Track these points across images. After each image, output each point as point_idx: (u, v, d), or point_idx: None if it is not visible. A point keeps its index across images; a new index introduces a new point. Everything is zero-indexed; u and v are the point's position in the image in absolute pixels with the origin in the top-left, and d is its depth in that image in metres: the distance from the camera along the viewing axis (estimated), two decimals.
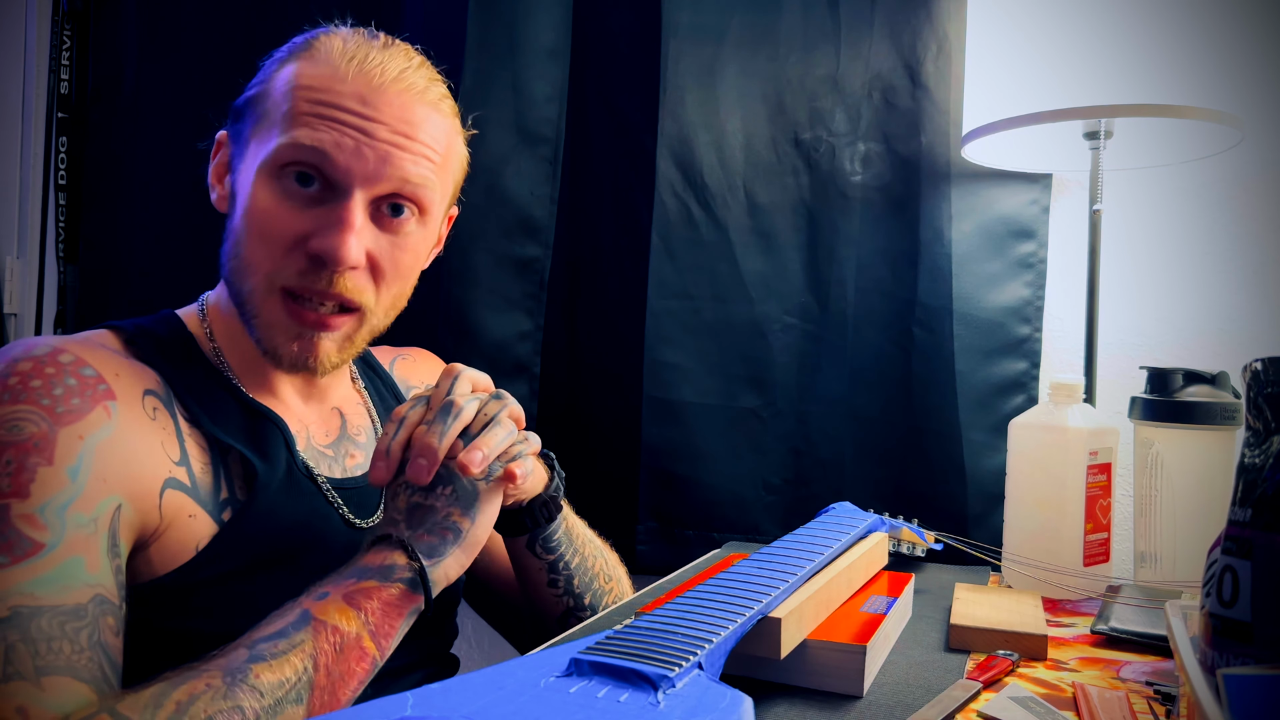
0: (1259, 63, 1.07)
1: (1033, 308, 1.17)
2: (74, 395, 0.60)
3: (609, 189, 1.29)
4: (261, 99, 0.71)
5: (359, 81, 0.68)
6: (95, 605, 0.56)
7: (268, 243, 0.68)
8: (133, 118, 1.50)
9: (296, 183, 0.68)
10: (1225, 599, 0.46)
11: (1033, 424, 0.95)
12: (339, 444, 0.79)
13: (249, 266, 0.69)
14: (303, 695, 0.55)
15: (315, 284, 0.68)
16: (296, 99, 0.68)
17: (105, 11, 1.56)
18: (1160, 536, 0.90)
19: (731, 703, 0.47)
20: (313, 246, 0.67)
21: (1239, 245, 1.14)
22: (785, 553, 0.71)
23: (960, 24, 1.16)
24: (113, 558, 0.59)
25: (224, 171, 0.74)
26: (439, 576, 0.63)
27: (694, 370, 1.23)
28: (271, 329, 0.70)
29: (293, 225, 0.68)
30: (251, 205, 0.68)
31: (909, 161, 1.19)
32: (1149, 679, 0.67)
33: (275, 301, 0.69)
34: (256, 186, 0.68)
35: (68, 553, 0.56)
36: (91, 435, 0.60)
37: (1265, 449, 0.47)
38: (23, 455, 0.57)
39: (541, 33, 1.25)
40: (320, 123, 0.67)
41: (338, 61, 0.69)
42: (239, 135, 0.72)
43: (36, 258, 1.64)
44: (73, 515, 0.57)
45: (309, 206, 0.68)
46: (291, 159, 0.67)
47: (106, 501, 0.59)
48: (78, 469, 0.58)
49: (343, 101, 0.68)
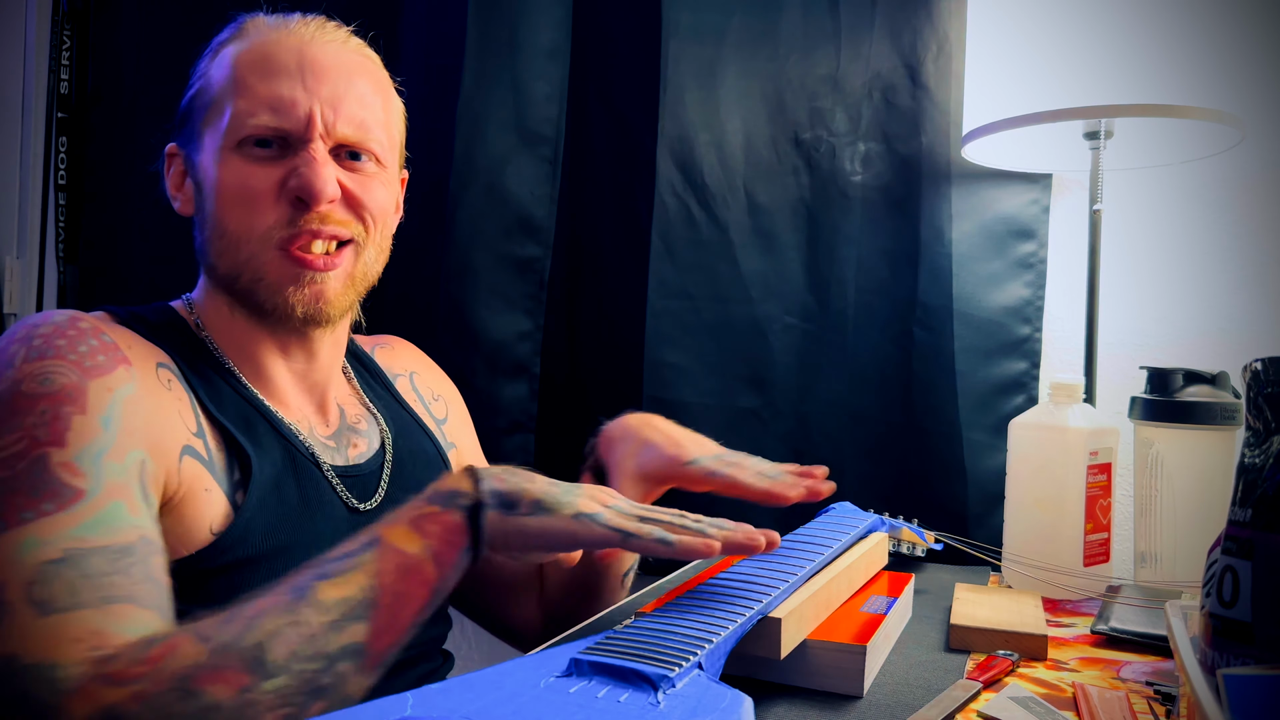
0: (1259, 63, 1.07)
1: (1033, 308, 1.17)
2: (99, 353, 0.63)
3: (609, 189, 1.29)
4: (203, 92, 0.75)
5: (293, 44, 0.74)
6: (143, 545, 0.58)
7: (249, 206, 0.71)
8: (133, 118, 1.50)
9: (257, 147, 0.71)
10: (1225, 599, 0.46)
11: (1033, 424, 0.95)
12: (340, 434, 0.80)
13: (239, 238, 0.72)
14: (366, 613, 0.55)
15: (306, 225, 0.71)
16: (238, 73, 0.72)
17: (105, 11, 1.56)
18: (1160, 536, 0.90)
19: (731, 703, 0.47)
20: (290, 188, 0.71)
21: (1239, 245, 1.14)
22: (785, 553, 0.71)
23: (960, 24, 1.15)
24: (148, 506, 0.61)
25: (181, 178, 0.78)
26: (493, 521, 0.61)
27: (694, 370, 1.23)
28: (279, 285, 0.72)
29: (266, 181, 0.71)
30: (222, 182, 0.72)
31: (909, 161, 1.19)
32: (1149, 679, 0.67)
33: (274, 257, 0.72)
34: (221, 165, 0.72)
35: (108, 499, 0.57)
36: (119, 389, 0.62)
37: (1265, 449, 0.47)
38: (57, 405, 0.59)
39: (541, 33, 1.25)
40: (265, 85, 0.72)
41: (268, 32, 0.75)
42: (190, 136, 0.76)
43: (36, 258, 1.64)
44: (108, 463, 0.59)
45: (274, 163, 0.72)
46: (249, 130, 0.71)
47: (134, 454, 0.61)
48: (109, 419, 0.60)
49: (283, 63, 0.73)
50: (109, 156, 1.53)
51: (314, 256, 0.72)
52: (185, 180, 0.77)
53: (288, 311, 0.73)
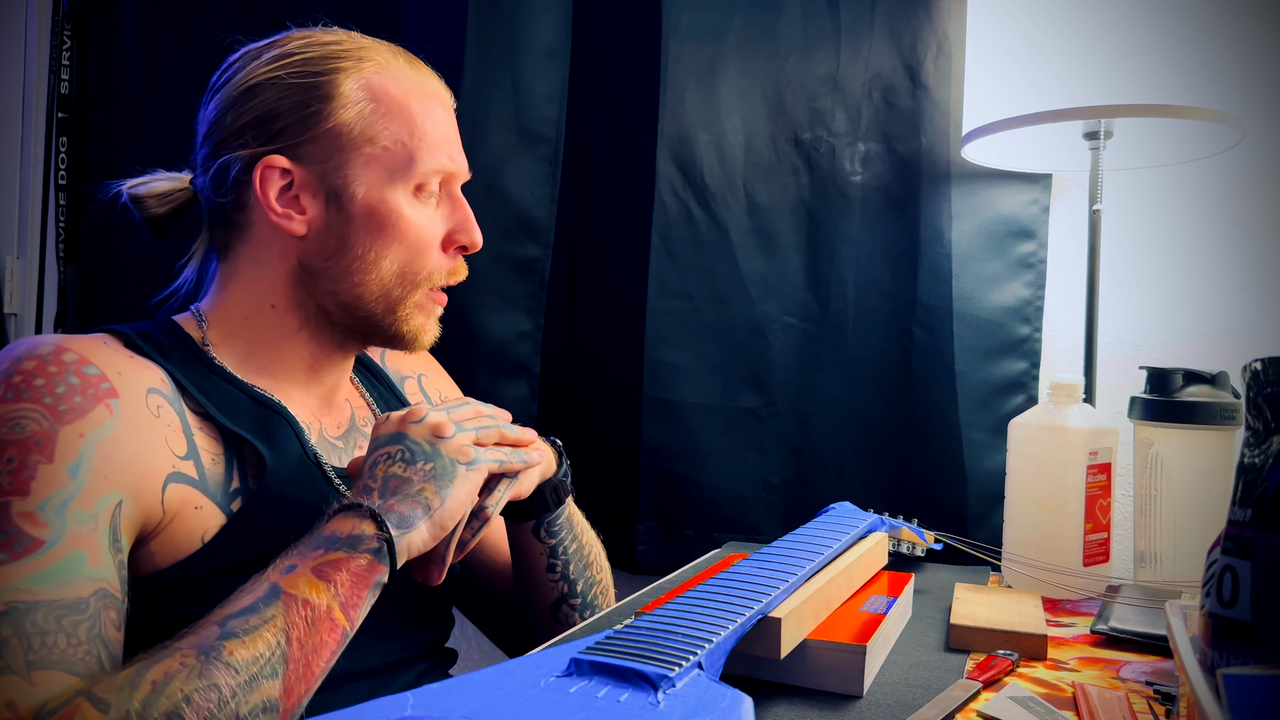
0: (1259, 63, 1.07)
1: (1033, 308, 1.17)
2: (76, 394, 0.61)
3: (609, 189, 1.29)
4: (352, 122, 0.73)
5: (434, 85, 0.78)
6: (97, 599, 0.57)
7: (424, 251, 0.76)
8: (133, 118, 1.50)
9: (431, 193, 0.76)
10: (1225, 599, 0.46)
11: (1033, 424, 0.95)
12: (349, 435, 0.81)
13: (401, 277, 0.75)
14: (277, 670, 0.55)
15: (457, 275, 0.80)
16: (409, 112, 0.74)
17: (105, 11, 1.56)
18: (1160, 536, 0.90)
19: (731, 703, 0.47)
20: (460, 241, 0.78)
21: (1239, 245, 1.14)
22: (785, 553, 0.71)
23: (960, 24, 1.16)
24: (115, 553, 0.59)
25: (288, 195, 0.73)
26: (403, 547, 0.63)
27: (694, 370, 1.23)
28: (419, 320, 0.78)
29: (438, 228, 0.77)
30: (399, 224, 0.74)
31: (909, 161, 1.19)
32: (1149, 679, 0.67)
33: (424, 297, 0.77)
34: (394, 205, 0.74)
35: (68, 549, 0.56)
36: (93, 433, 0.60)
37: (1265, 449, 0.47)
38: (24, 453, 0.57)
39: (541, 33, 1.25)
40: (437, 128, 0.76)
41: (400, 64, 0.76)
42: (326, 159, 0.72)
43: (36, 258, 1.64)
44: (73, 512, 0.57)
45: (437, 208, 0.77)
46: (433, 175, 0.75)
47: (108, 498, 0.60)
48: (79, 466, 0.59)
49: (441, 105, 0.77)
50: (109, 156, 1.53)
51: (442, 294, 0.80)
52: (309, 201, 0.73)
53: (419, 343, 0.78)
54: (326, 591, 0.59)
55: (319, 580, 0.59)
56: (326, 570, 0.59)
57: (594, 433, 1.29)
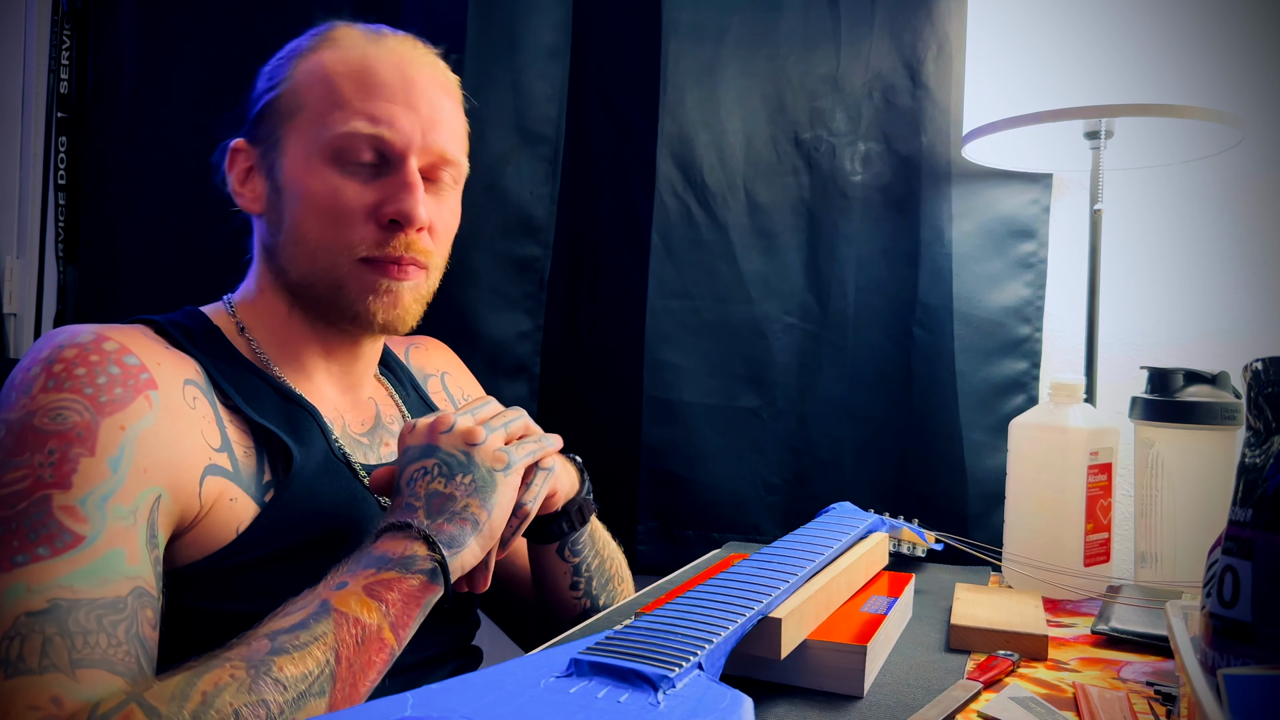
0: (1259, 63, 1.07)
1: (1033, 308, 1.17)
2: (117, 384, 0.61)
3: (609, 189, 1.29)
4: (289, 96, 0.74)
5: (393, 60, 0.74)
6: (134, 598, 0.57)
7: (338, 220, 0.72)
8: (133, 117, 1.50)
9: (352, 161, 0.72)
10: (1226, 599, 0.46)
11: (1033, 424, 0.94)
12: (374, 432, 0.81)
13: (320, 248, 0.73)
14: (325, 688, 0.55)
15: (392, 251, 0.73)
16: (337, 83, 0.72)
17: (105, 11, 1.55)
18: (1161, 536, 0.90)
19: (731, 703, 0.47)
20: (387, 212, 0.72)
21: (1239, 245, 1.14)
22: (785, 553, 0.71)
23: (960, 24, 1.16)
24: (151, 549, 0.59)
25: (248, 175, 0.77)
26: (457, 567, 0.63)
27: (694, 370, 1.23)
28: (360, 294, 0.73)
29: (362, 198, 0.72)
30: (312, 191, 0.72)
31: (909, 161, 1.19)
32: (1149, 679, 0.67)
33: (356, 270, 0.73)
34: (312, 174, 0.72)
35: (108, 545, 0.56)
36: (133, 425, 0.60)
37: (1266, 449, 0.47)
38: (65, 445, 0.57)
39: (541, 32, 1.25)
40: (367, 100, 0.72)
41: (364, 44, 0.75)
42: (268, 136, 0.75)
43: (36, 258, 1.64)
44: (113, 507, 0.57)
45: (371, 180, 0.73)
46: (349, 143, 0.72)
47: (147, 492, 0.60)
48: (119, 460, 0.59)
49: (385, 79, 0.73)
50: (109, 156, 1.53)
51: (395, 266, 0.74)
52: (256, 179, 0.76)
53: (369, 319, 0.74)
54: (378, 610, 0.58)
55: (370, 599, 0.58)
56: (378, 589, 0.59)
57: (594, 433, 1.29)
